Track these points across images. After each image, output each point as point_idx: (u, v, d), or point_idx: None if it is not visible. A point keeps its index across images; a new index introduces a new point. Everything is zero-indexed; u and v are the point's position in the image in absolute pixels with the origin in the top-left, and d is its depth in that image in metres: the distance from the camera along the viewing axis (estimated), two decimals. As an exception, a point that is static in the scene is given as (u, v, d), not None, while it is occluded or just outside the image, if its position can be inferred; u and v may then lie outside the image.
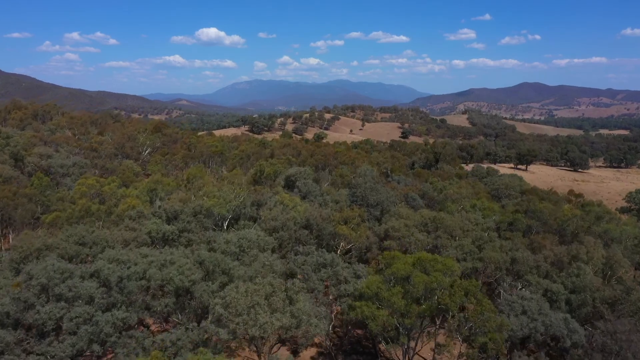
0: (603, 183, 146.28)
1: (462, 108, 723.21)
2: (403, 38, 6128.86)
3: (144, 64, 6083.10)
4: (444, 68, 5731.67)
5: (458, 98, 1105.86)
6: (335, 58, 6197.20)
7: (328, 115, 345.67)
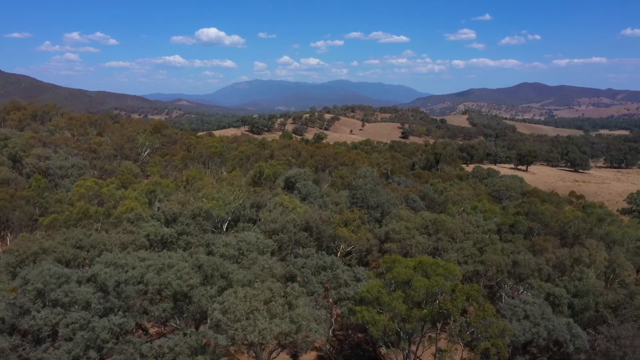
0: (604, 184, 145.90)
1: (462, 108, 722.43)
2: (403, 38, 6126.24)
3: (144, 64, 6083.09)
4: (444, 68, 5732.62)
5: (458, 98, 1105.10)
6: (335, 58, 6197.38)
7: (328, 116, 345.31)
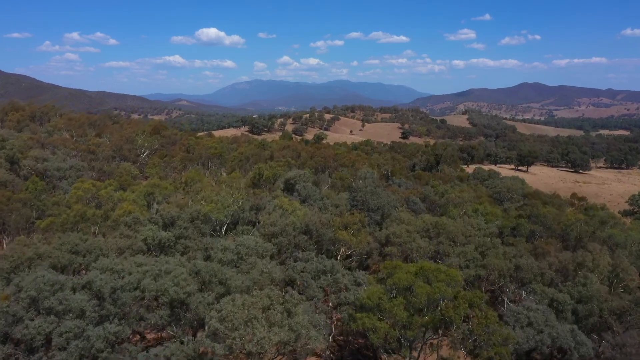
0: (605, 184, 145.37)
1: (462, 108, 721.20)
2: (403, 38, 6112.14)
3: (144, 64, 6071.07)
4: (444, 68, 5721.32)
5: (458, 98, 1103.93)
6: (335, 58, 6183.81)
7: (328, 116, 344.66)
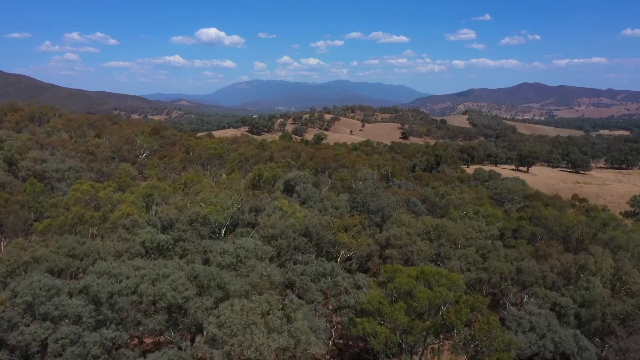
0: (605, 185, 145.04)
1: (462, 108, 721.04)
2: (403, 38, 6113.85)
3: (144, 64, 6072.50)
4: (444, 68, 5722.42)
5: (458, 98, 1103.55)
6: (335, 58, 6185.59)
7: (328, 116, 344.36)
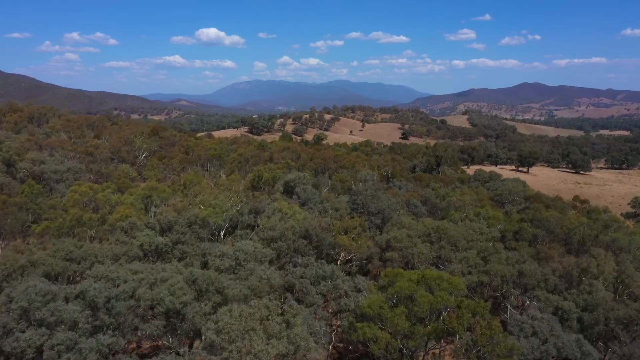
0: (606, 185, 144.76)
1: (462, 108, 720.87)
2: (403, 38, 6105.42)
3: (144, 64, 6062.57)
4: (444, 68, 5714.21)
5: (458, 98, 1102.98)
6: (335, 58, 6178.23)
7: (328, 116, 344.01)
